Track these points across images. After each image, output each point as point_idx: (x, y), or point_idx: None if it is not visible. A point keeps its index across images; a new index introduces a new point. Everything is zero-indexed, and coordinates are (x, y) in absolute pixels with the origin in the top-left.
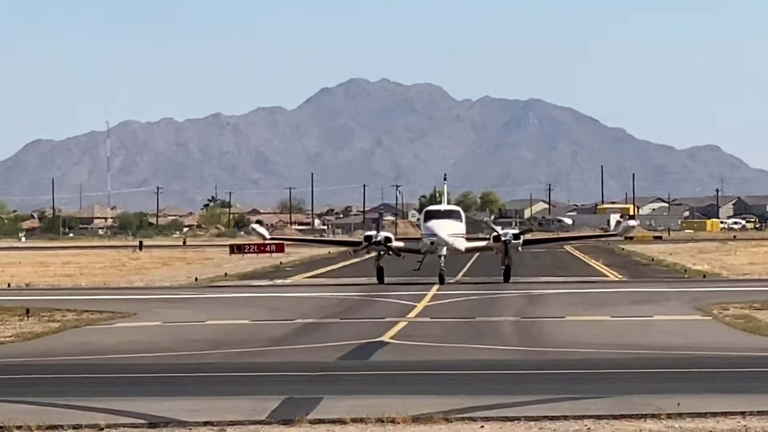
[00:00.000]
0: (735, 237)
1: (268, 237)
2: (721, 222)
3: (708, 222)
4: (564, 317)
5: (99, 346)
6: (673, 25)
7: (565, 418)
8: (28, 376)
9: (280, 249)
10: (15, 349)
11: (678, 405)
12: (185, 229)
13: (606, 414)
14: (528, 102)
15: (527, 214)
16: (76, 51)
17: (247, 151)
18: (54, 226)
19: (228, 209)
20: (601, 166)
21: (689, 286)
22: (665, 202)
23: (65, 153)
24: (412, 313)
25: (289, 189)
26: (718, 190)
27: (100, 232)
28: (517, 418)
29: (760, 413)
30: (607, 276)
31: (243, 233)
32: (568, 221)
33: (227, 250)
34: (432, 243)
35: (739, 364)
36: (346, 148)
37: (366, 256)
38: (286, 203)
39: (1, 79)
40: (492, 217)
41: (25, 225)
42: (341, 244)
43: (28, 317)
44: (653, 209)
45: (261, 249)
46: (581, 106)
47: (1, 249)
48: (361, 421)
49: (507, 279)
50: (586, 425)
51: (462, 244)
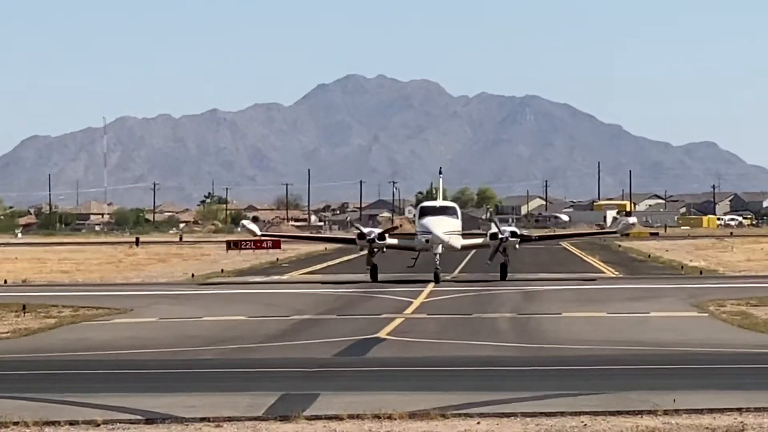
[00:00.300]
0: (731, 233)
1: (259, 234)
2: (718, 218)
3: (704, 218)
4: (560, 314)
5: (95, 343)
6: (670, 23)
7: (562, 414)
8: (24, 373)
9: (276, 245)
10: (11, 346)
11: (674, 401)
12: (182, 225)
13: (602, 410)
14: (524, 98)
15: (524, 210)
16: (72, 47)
17: (243, 148)
18: (50, 222)
19: (225, 205)
20: (598, 163)
21: (686, 282)
22: (662, 198)
23: (62, 149)
24: (409, 310)
25: (286, 185)
26: (714, 187)
27: (97, 228)
28: (514, 415)
29: (757, 410)
30: (603, 272)
31: (239, 230)
32: (565, 218)
33: (224, 246)
34: (427, 240)
35: (735, 361)
36: (343, 144)
37: (361, 253)
38: (283, 199)
39: None
40: (489, 213)
41: (22, 221)
42: (335, 241)
43: (24, 313)
44: (650, 206)
45: (257, 245)
46: (578, 103)
47: None
48: (358, 417)
49: (504, 277)
50: (582, 422)
51: (458, 242)
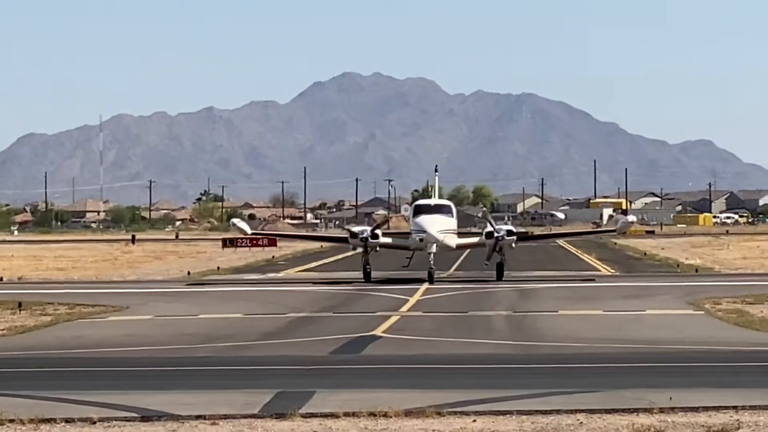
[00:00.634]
0: (728, 231)
1: (250, 232)
2: (714, 216)
3: (701, 216)
4: (556, 312)
5: (91, 340)
6: (666, 21)
7: (558, 412)
8: (20, 370)
9: (272, 243)
10: (7, 343)
11: (670, 399)
12: (178, 222)
13: (598, 408)
14: (521, 96)
15: (520, 208)
16: (68, 45)
17: (239, 145)
18: (46, 220)
19: (220, 203)
20: (594, 161)
21: (681, 280)
22: (658, 196)
23: (58, 147)
24: (405, 307)
25: (282, 183)
26: (710, 185)
27: (93, 225)
28: (510, 412)
29: (753, 407)
30: (599, 270)
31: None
32: (561, 215)
33: (220, 243)
34: (421, 239)
35: (731, 359)
36: (339, 142)
37: (354, 251)
38: (279, 197)
39: None
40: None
41: (18, 219)
42: (327, 240)
43: (20, 311)
44: (646, 203)
45: (254, 243)
46: (574, 101)
47: None
48: (354, 414)
49: (500, 277)
50: (578, 419)
51: (453, 241)
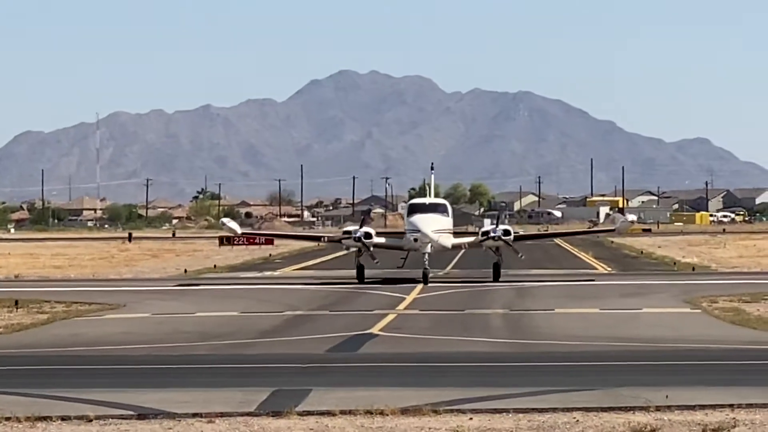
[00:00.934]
0: (724, 230)
1: (240, 232)
2: (711, 215)
3: (697, 215)
4: (553, 310)
5: (88, 338)
6: (663, 19)
7: (554, 410)
8: (17, 368)
9: (269, 241)
10: (4, 341)
11: (667, 397)
12: (174, 220)
13: (595, 406)
14: (518, 94)
15: (516, 206)
16: (65, 42)
17: (236, 143)
18: (43, 218)
19: (217, 201)
20: (591, 159)
21: (678, 278)
22: (654, 194)
23: (55, 144)
24: (401, 306)
25: (279, 181)
26: (707, 183)
27: (90, 223)
28: (506, 411)
29: (749, 406)
30: (596, 269)
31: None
32: (558, 214)
33: (216, 242)
34: (416, 239)
35: (727, 357)
36: (336, 140)
37: (347, 251)
38: (276, 195)
39: None
40: (482, 209)
41: (15, 216)
42: (319, 239)
43: (17, 309)
44: (642, 202)
45: (250, 241)
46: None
47: None
48: (350, 413)
49: (497, 278)
50: (574, 417)
51: (448, 241)
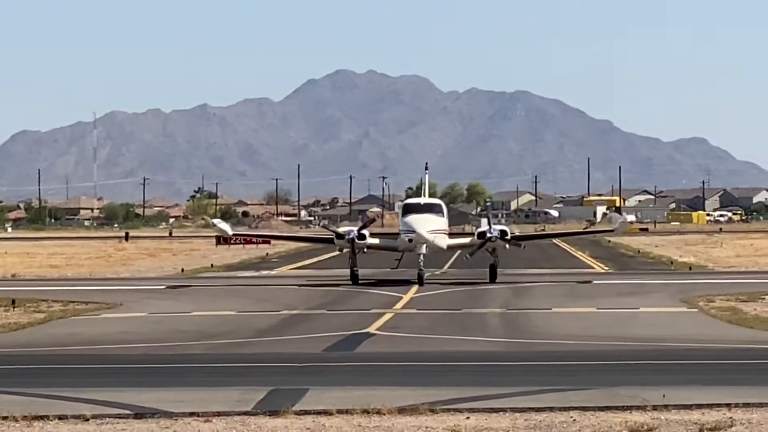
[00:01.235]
0: (721, 229)
1: (231, 233)
2: (708, 214)
3: (694, 214)
4: (550, 309)
5: (85, 337)
6: (660, 18)
7: (551, 409)
8: (13, 367)
9: (266, 240)
10: (1, 340)
11: (663, 397)
12: (171, 220)
13: (591, 406)
14: (515, 94)
15: (513, 205)
16: (62, 42)
17: (233, 143)
18: (40, 217)
19: (214, 200)
20: (588, 158)
21: (675, 278)
22: (651, 194)
23: (52, 144)
24: (399, 305)
25: (276, 180)
26: (704, 183)
27: (87, 223)
28: (503, 410)
29: (746, 405)
30: (593, 268)
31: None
32: (555, 213)
33: (213, 241)
34: (410, 240)
35: (724, 356)
36: (333, 139)
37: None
38: (273, 194)
39: None
40: (479, 209)
41: (12, 215)
42: (311, 240)
43: (14, 308)
44: (639, 201)
45: (247, 240)
46: (568, 98)
47: None
48: (347, 412)
49: (493, 279)
50: (571, 417)
51: (443, 241)
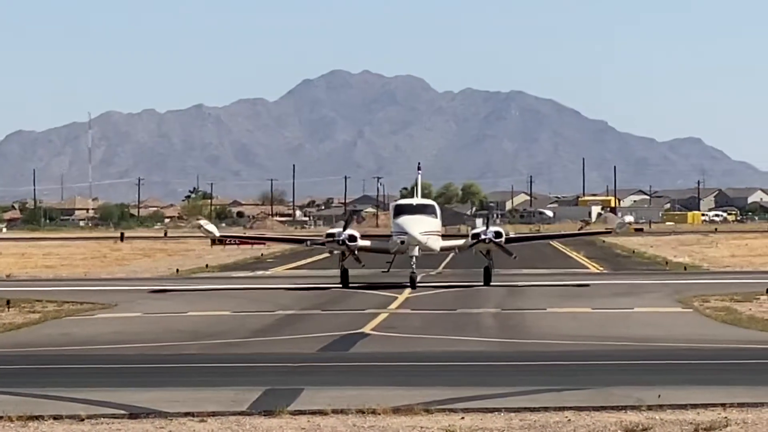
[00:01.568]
0: (716, 229)
1: (218, 235)
2: (703, 214)
3: (689, 214)
4: (545, 309)
5: (80, 337)
6: (656, 18)
7: (546, 409)
8: (8, 367)
9: (260, 242)
10: None
11: (659, 397)
12: (166, 220)
13: (586, 405)
14: (509, 94)
15: (508, 206)
16: (57, 42)
17: (228, 143)
18: (35, 217)
19: (209, 201)
20: (583, 158)
21: (670, 278)
22: (646, 194)
23: (47, 144)
24: (393, 305)
25: (271, 180)
26: (699, 183)
27: (82, 223)
28: (498, 410)
29: (741, 405)
30: (588, 268)
31: (224, 225)
32: (550, 213)
33: (208, 241)
34: (402, 242)
35: (719, 356)
36: (328, 139)
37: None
38: (268, 195)
39: None
40: (474, 209)
41: (6, 216)
42: (302, 242)
43: (8, 308)
44: (634, 201)
45: (242, 241)
46: (563, 98)
47: None
48: (342, 412)
49: (488, 282)
50: (566, 416)
51: (436, 243)
